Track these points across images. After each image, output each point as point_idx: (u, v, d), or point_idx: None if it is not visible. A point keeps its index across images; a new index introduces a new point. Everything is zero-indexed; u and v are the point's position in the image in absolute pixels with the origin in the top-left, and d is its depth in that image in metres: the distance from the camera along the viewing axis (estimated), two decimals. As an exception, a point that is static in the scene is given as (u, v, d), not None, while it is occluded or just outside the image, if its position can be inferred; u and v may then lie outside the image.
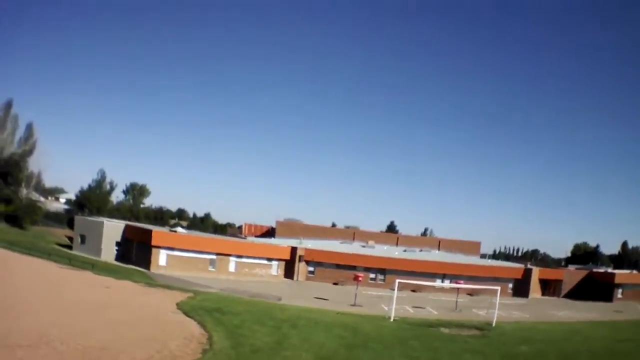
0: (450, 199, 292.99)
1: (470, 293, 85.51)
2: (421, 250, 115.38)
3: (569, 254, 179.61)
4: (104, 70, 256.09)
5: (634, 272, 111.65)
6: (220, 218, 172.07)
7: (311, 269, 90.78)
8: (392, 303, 54.98)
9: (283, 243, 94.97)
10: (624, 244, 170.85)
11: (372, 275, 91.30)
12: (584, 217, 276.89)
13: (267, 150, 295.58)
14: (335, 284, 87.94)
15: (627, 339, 52.08)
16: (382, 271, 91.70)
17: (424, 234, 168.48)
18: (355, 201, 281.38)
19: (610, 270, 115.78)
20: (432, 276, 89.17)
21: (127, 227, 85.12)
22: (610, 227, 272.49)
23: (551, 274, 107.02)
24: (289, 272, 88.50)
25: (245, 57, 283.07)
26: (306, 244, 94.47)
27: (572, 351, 42.57)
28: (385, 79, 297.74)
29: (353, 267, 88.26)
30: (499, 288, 62.22)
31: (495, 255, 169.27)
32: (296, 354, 31.81)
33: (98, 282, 52.46)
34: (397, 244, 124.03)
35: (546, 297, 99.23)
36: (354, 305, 62.67)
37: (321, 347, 34.98)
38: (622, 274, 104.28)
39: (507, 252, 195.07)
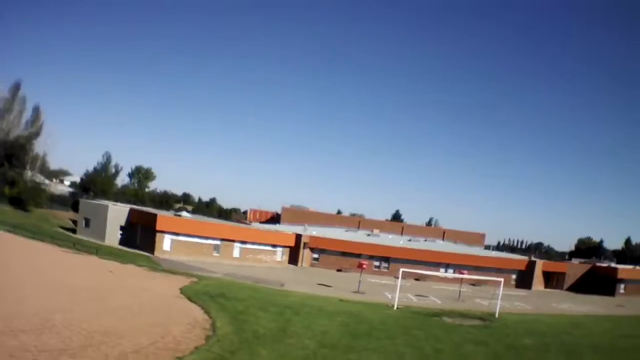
0: (456, 189, 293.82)
1: (474, 283, 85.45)
2: (426, 240, 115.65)
3: (572, 248, 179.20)
4: (111, 52, 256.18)
5: (637, 267, 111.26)
6: (226, 203, 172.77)
7: (315, 255, 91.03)
8: (396, 291, 55.21)
9: (288, 229, 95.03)
10: (628, 240, 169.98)
11: (376, 263, 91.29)
12: (589, 212, 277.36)
13: (275, 136, 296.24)
14: (339, 270, 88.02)
15: (629, 335, 52.29)
16: (386, 259, 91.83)
17: (429, 223, 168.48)
18: (361, 189, 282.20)
19: (613, 265, 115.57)
20: (436, 265, 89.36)
21: (131, 211, 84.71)
22: (614, 223, 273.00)
23: (554, 266, 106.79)
24: (293, 258, 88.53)
25: (253, 42, 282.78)
26: (311, 231, 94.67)
27: (575, 345, 42.59)
28: (392, 69, 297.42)
29: (357, 255, 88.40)
30: (502, 279, 62.01)
31: (499, 247, 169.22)
32: (299, 341, 31.87)
33: (102, 267, 52.56)
34: (402, 233, 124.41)
35: (549, 290, 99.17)
36: (357, 292, 62.77)
37: (324, 334, 35.00)
38: (625, 269, 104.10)
39: (511, 244, 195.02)
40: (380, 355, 31.30)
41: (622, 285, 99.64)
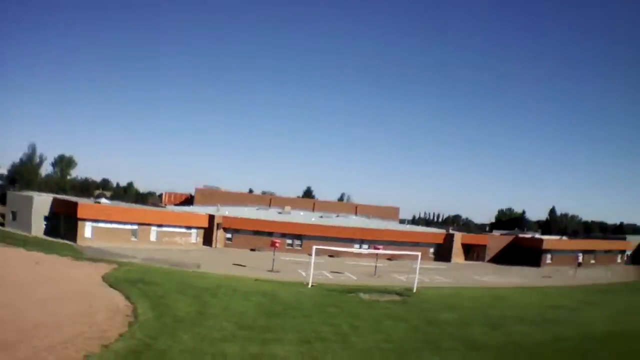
0: (368, 163, 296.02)
1: (390, 258, 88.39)
2: (338, 216, 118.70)
3: (493, 220, 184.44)
4: (28, 42, 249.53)
5: (564, 238, 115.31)
6: (142, 187, 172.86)
7: (229, 236, 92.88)
8: (310, 269, 57.09)
9: (201, 211, 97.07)
10: (552, 210, 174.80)
11: (289, 241, 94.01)
12: (509, 183, 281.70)
13: (187, 118, 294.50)
14: (252, 250, 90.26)
15: (557, 305, 53.25)
16: (299, 237, 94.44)
17: (341, 199, 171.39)
18: (272, 167, 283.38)
19: (537, 235, 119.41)
20: (350, 241, 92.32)
21: (54, 200, 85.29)
22: (538, 194, 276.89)
23: (474, 239, 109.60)
24: (207, 239, 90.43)
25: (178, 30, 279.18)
26: (224, 211, 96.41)
27: (499, 317, 43.76)
28: (307, 43, 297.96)
29: (270, 234, 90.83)
30: (419, 253, 63.35)
31: (414, 221, 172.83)
32: (217, 323, 33.34)
33: (29, 259, 52.92)
34: (313, 210, 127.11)
35: (470, 262, 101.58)
36: (271, 271, 64.74)
37: (241, 315, 36.63)
38: (550, 240, 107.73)
39: (428, 217, 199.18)
40: (297, 335, 32.41)
41: (549, 256, 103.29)
